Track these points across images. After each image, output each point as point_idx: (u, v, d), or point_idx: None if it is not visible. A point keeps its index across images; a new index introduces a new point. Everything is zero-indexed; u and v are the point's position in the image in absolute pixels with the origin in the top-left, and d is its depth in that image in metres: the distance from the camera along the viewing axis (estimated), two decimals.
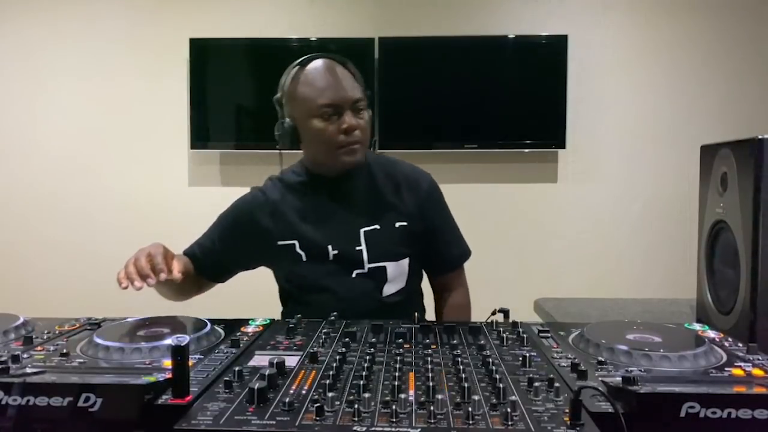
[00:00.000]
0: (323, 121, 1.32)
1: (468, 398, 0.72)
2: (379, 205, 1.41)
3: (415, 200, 1.43)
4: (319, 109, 1.32)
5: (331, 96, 1.31)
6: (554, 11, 3.24)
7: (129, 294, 1.14)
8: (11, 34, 3.31)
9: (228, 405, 0.71)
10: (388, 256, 1.38)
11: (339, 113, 1.32)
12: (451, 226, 1.51)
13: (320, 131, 1.33)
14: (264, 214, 1.43)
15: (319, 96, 1.32)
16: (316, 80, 1.34)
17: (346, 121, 1.31)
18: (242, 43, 3.24)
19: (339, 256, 1.37)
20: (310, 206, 1.41)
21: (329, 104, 1.31)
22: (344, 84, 1.33)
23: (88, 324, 1.08)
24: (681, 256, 2.91)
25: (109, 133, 3.33)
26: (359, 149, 1.35)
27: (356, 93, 1.33)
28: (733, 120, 3.19)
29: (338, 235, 1.38)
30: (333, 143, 1.33)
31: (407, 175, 1.46)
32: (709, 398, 0.68)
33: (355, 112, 1.33)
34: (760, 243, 1.19)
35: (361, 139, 1.34)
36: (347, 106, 1.32)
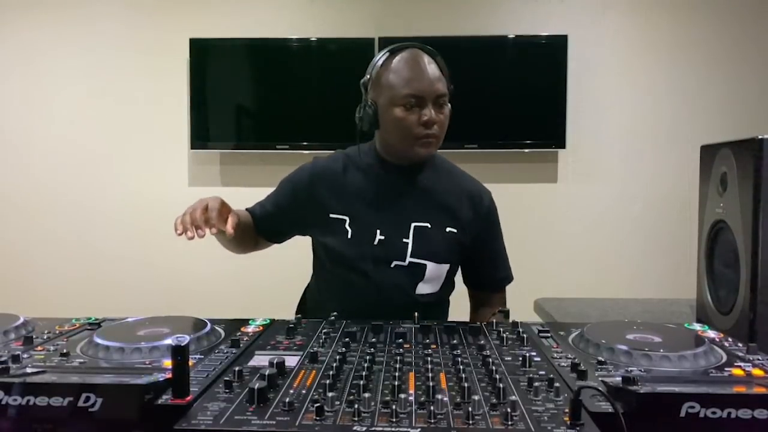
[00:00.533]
0: (405, 111, 1.33)
1: (468, 398, 0.72)
2: (436, 205, 1.42)
3: (473, 213, 1.45)
4: (402, 99, 1.32)
5: (416, 87, 1.32)
6: (554, 11, 3.24)
7: (129, 294, 1.14)
8: (12, 36, 3.31)
9: (228, 405, 0.71)
10: (431, 256, 1.38)
11: (421, 105, 1.33)
12: (500, 248, 1.54)
13: (400, 120, 1.33)
14: (322, 184, 1.43)
15: (404, 85, 1.32)
16: (403, 69, 1.34)
17: (427, 113, 1.32)
18: (242, 43, 3.24)
19: (384, 243, 1.37)
20: (370, 188, 1.42)
21: (413, 95, 1.32)
22: (430, 77, 1.33)
23: (88, 324, 1.08)
24: (681, 256, 2.91)
25: (109, 133, 3.33)
26: (434, 143, 1.36)
27: (441, 87, 1.34)
28: (733, 120, 3.19)
29: (389, 222, 1.39)
30: (411, 133, 1.34)
31: (472, 187, 1.50)
32: (709, 398, 0.68)
33: (437, 106, 1.34)
34: (760, 243, 1.19)
35: (438, 134, 1.35)
36: (430, 99, 1.32)
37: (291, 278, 1.68)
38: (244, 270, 3.27)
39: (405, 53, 1.36)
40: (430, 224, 1.40)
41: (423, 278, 1.38)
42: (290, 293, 1.67)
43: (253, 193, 3.64)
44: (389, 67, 1.36)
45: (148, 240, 3.33)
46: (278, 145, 3.18)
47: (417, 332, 1.05)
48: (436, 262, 1.39)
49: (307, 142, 3.18)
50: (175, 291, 3.24)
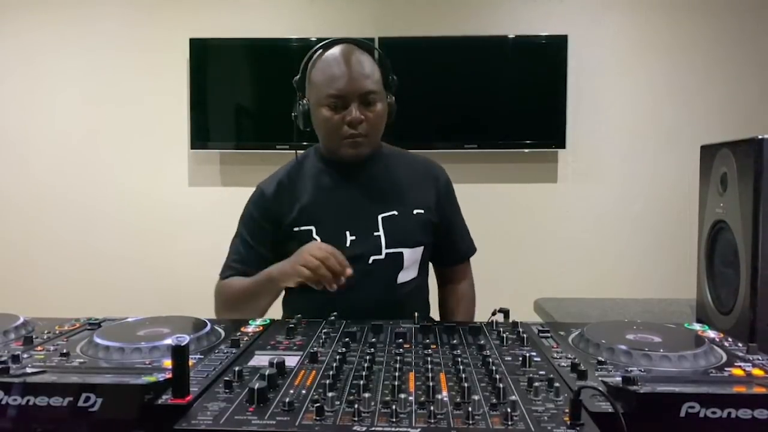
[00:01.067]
0: (330, 111, 1.32)
1: (468, 398, 0.72)
2: (397, 192, 1.41)
3: (434, 191, 1.45)
4: (326, 99, 1.31)
5: (339, 87, 1.30)
6: (554, 11, 3.24)
7: (129, 294, 1.14)
8: (12, 36, 3.31)
9: (228, 405, 0.71)
10: (406, 243, 1.38)
11: (345, 104, 1.31)
12: (461, 220, 1.54)
13: (326, 120, 1.33)
14: (277, 201, 1.42)
15: (327, 85, 1.31)
16: (328, 68, 1.32)
17: (351, 113, 1.30)
18: (242, 43, 3.24)
19: (356, 242, 1.36)
20: (327, 192, 1.40)
21: (335, 95, 1.30)
22: (355, 75, 1.30)
23: (88, 324, 1.08)
24: (681, 256, 2.90)
25: (109, 133, 3.33)
26: (363, 142, 1.34)
27: (367, 85, 1.31)
28: (733, 120, 3.19)
29: (356, 220, 1.38)
30: (337, 134, 1.33)
31: (426, 166, 1.49)
32: (709, 398, 0.68)
33: (365, 104, 1.32)
34: (760, 243, 1.19)
35: (367, 132, 1.33)
36: (354, 98, 1.30)
37: None
38: None
39: (332, 50, 1.34)
40: (396, 212, 1.39)
41: (402, 267, 1.38)
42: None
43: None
44: (317, 65, 1.35)
45: (148, 240, 3.33)
46: (278, 145, 3.18)
47: (417, 332, 1.05)
48: (411, 247, 1.39)
49: (307, 142, 3.17)
50: (175, 291, 3.23)
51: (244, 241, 1.45)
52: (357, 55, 1.33)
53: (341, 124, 1.32)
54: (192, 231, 3.33)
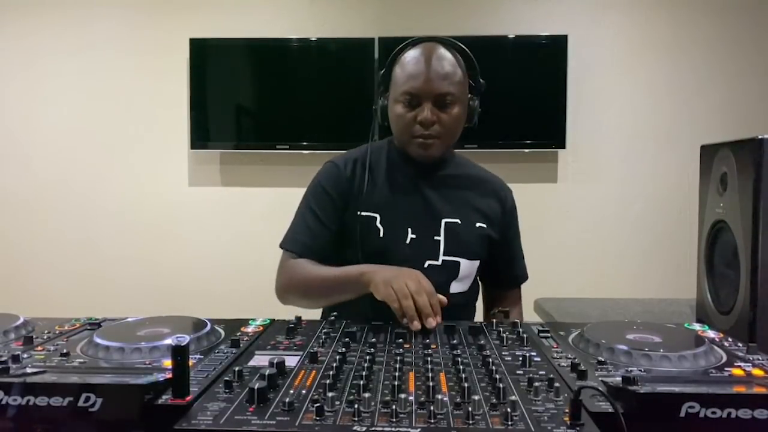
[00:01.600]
0: (404, 108, 1.30)
1: (468, 398, 0.72)
2: (463, 200, 1.40)
3: (499, 209, 1.44)
4: (401, 95, 1.30)
5: (414, 85, 1.28)
6: (554, 11, 3.24)
7: (129, 294, 1.14)
8: (13, 37, 3.31)
9: (228, 405, 0.71)
10: (464, 253, 1.36)
11: (419, 103, 1.29)
12: (519, 245, 1.54)
13: (399, 117, 1.31)
14: (349, 181, 1.38)
15: (404, 82, 1.29)
16: (407, 65, 1.30)
17: (424, 113, 1.28)
18: (242, 43, 3.25)
19: (416, 242, 1.34)
20: (395, 184, 1.38)
21: (409, 92, 1.29)
22: (431, 75, 1.27)
23: (88, 324, 1.08)
24: (681, 256, 2.91)
25: (110, 133, 3.34)
26: (434, 143, 1.32)
27: (444, 87, 1.28)
28: (733, 120, 3.19)
29: (419, 220, 1.35)
30: (407, 132, 1.31)
31: (496, 183, 1.48)
32: (709, 398, 0.68)
33: (440, 106, 1.29)
34: (760, 243, 1.19)
35: (439, 134, 1.31)
36: (428, 98, 1.28)
37: None
38: (244, 270, 3.27)
39: (417, 48, 1.32)
40: (459, 220, 1.37)
41: (457, 276, 1.36)
42: None
43: (253, 193, 3.66)
44: (398, 61, 1.34)
45: (148, 240, 3.34)
46: (278, 145, 3.18)
47: (417, 332, 1.05)
48: (468, 258, 1.37)
49: (307, 142, 3.18)
50: (175, 291, 3.24)
51: (314, 216, 1.37)
52: (439, 54, 1.30)
53: (413, 122, 1.30)
54: (192, 231, 3.33)
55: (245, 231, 3.28)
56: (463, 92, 1.34)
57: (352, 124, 3.23)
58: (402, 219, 1.35)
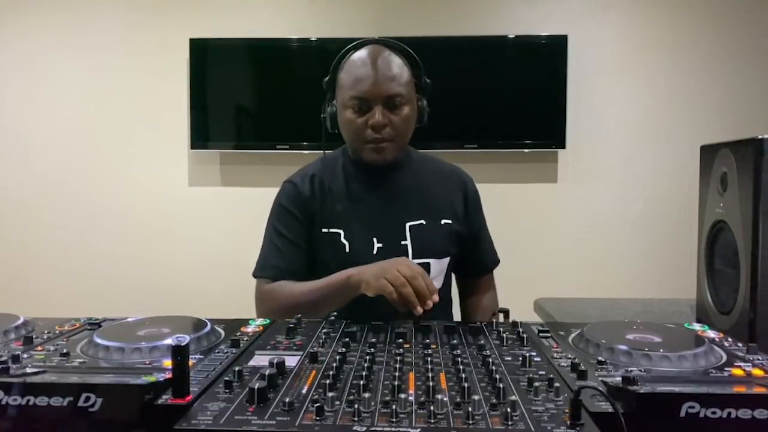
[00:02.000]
0: (354, 113, 1.29)
1: (468, 398, 0.72)
2: (425, 200, 1.38)
3: (462, 201, 1.43)
4: (350, 100, 1.29)
5: (362, 89, 1.27)
6: (554, 11, 3.24)
7: (129, 294, 1.14)
8: (13, 37, 3.31)
9: (228, 405, 0.71)
10: (433, 253, 1.35)
11: (369, 107, 1.28)
12: (486, 230, 1.52)
13: (349, 122, 1.30)
14: (309, 200, 1.37)
15: (351, 87, 1.28)
16: (354, 69, 1.29)
17: (375, 116, 1.27)
18: (242, 43, 3.24)
19: (383, 250, 1.33)
20: (355, 196, 1.37)
21: (359, 97, 1.27)
22: (380, 77, 1.26)
23: (88, 324, 1.08)
24: (681, 256, 2.91)
25: (110, 133, 3.34)
26: (388, 147, 1.31)
27: (392, 87, 1.27)
28: (733, 120, 3.19)
29: (383, 228, 1.34)
30: (361, 137, 1.30)
31: (454, 175, 1.46)
32: (709, 398, 0.68)
33: (390, 107, 1.28)
34: (760, 243, 1.19)
35: (391, 136, 1.30)
36: (378, 101, 1.27)
37: None
38: (244, 270, 3.27)
39: (361, 51, 1.31)
40: (424, 221, 1.36)
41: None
42: None
43: (253, 193, 3.66)
44: (344, 66, 1.32)
45: (148, 240, 3.33)
46: (278, 145, 3.18)
47: (417, 332, 1.04)
48: (438, 258, 1.36)
49: (307, 142, 3.18)
50: (175, 291, 3.24)
51: (281, 237, 1.36)
52: (385, 56, 1.29)
53: (364, 127, 1.29)
54: (192, 231, 3.33)
55: (245, 231, 3.26)
56: (411, 92, 1.33)
57: None
58: (366, 230, 1.34)
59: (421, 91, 1.37)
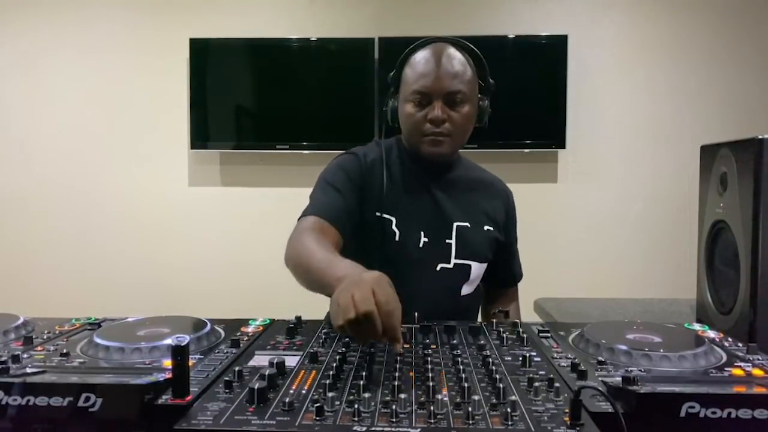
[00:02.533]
0: (414, 107, 1.30)
1: (468, 398, 0.72)
2: (472, 204, 1.40)
3: (503, 211, 1.46)
4: (411, 95, 1.30)
5: (424, 84, 1.28)
6: (554, 11, 3.24)
7: (129, 294, 1.14)
8: (13, 37, 3.31)
9: (228, 405, 0.71)
10: (474, 256, 1.36)
11: (429, 102, 1.29)
12: (516, 242, 1.55)
13: (409, 116, 1.31)
14: (371, 177, 1.33)
15: (414, 81, 1.30)
16: (418, 65, 1.30)
17: (434, 111, 1.28)
18: (242, 43, 3.24)
19: (428, 245, 1.33)
20: (410, 187, 1.36)
21: (419, 91, 1.29)
22: (440, 74, 1.28)
23: (88, 324, 1.08)
24: (681, 256, 2.91)
25: (110, 133, 3.34)
26: (445, 141, 1.31)
27: (454, 85, 1.28)
28: (733, 120, 3.19)
29: (432, 223, 1.35)
30: (418, 130, 1.31)
31: (499, 186, 1.50)
32: (709, 398, 0.68)
33: (450, 104, 1.29)
34: (760, 243, 1.19)
35: (450, 132, 1.31)
36: (438, 96, 1.28)
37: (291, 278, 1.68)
38: (244, 270, 3.27)
39: (426, 48, 1.33)
40: (469, 223, 1.37)
41: (468, 279, 1.36)
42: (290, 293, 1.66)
43: (253, 193, 3.66)
44: (408, 61, 1.34)
45: (148, 240, 3.33)
46: (278, 145, 3.18)
47: (417, 332, 1.04)
48: (479, 261, 1.37)
49: (307, 142, 3.18)
50: (175, 291, 3.24)
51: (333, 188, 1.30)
52: (449, 53, 1.31)
53: (423, 121, 1.30)
54: (192, 231, 3.33)
55: (245, 231, 3.28)
56: (473, 91, 1.35)
57: (351, 124, 3.23)
58: (415, 222, 1.34)
59: (484, 91, 1.40)
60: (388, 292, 0.85)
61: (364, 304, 0.81)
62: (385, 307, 0.82)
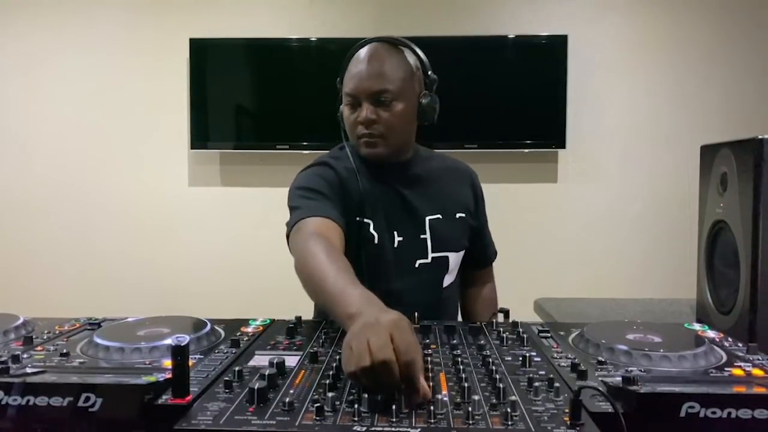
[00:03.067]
0: (349, 110, 1.31)
1: (468, 398, 0.72)
2: (440, 194, 1.40)
3: (471, 194, 1.46)
4: (345, 97, 1.31)
5: (352, 86, 1.28)
6: (554, 11, 3.24)
7: (129, 294, 1.14)
8: (14, 37, 3.31)
9: (228, 405, 0.71)
10: (451, 247, 1.37)
11: (359, 103, 1.29)
12: (487, 223, 1.54)
13: (346, 119, 1.32)
14: (345, 183, 1.33)
15: (345, 84, 1.30)
16: (350, 67, 1.31)
17: (362, 112, 1.27)
18: (242, 43, 3.24)
19: (403, 243, 1.33)
20: (376, 190, 1.35)
21: (349, 94, 1.29)
22: (369, 74, 1.26)
23: (88, 324, 1.08)
24: (681, 256, 2.90)
25: (110, 133, 3.34)
26: (378, 142, 1.30)
27: (378, 84, 1.26)
28: (733, 120, 3.19)
29: (404, 221, 1.34)
30: (354, 133, 1.32)
31: (464, 170, 1.48)
32: (709, 398, 0.68)
33: (379, 104, 1.27)
34: (760, 243, 1.19)
35: (381, 133, 1.29)
36: (365, 97, 1.27)
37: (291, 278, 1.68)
38: (244, 270, 3.27)
39: (362, 49, 1.31)
40: (441, 215, 1.37)
41: (448, 270, 1.37)
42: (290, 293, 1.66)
43: (253, 193, 3.65)
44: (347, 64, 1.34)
45: (148, 240, 3.33)
46: (278, 145, 3.18)
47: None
48: (456, 251, 1.38)
49: (307, 142, 3.18)
50: (175, 291, 3.24)
51: (318, 194, 1.27)
52: (378, 53, 1.29)
53: (356, 123, 1.29)
54: (192, 231, 3.33)
55: (245, 231, 3.28)
56: (406, 89, 1.30)
57: None
58: (388, 223, 1.34)
59: (427, 87, 1.36)
60: (408, 339, 0.75)
61: (381, 352, 0.72)
62: (405, 356, 0.73)
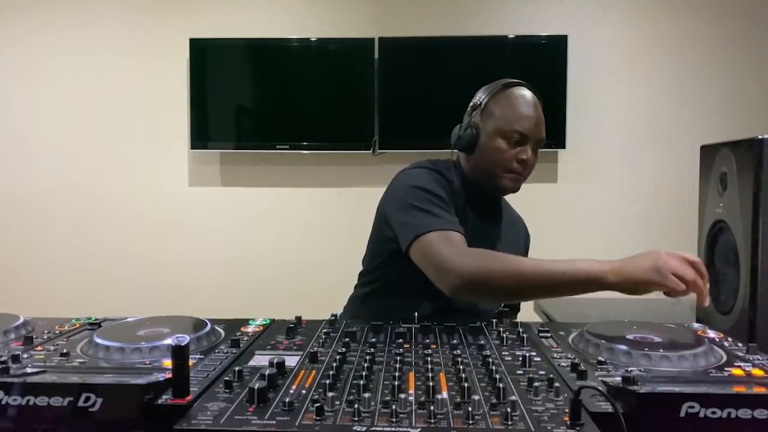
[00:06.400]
0: (507, 144, 1.36)
1: (468, 398, 0.72)
2: (508, 237, 1.52)
3: (524, 242, 1.61)
4: (509, 132, 1.35)
5: (527, 126, 1.35)
6: (554, 11, 3.24)
7: (129, 294, 1.14)
8: (14, 38, 3.31)
9: (228, 405, 0.71)
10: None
11: (523, 143, 1.36)
12: None
13: (501, 151, 1.36)
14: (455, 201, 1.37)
15: (516, 121, 1.35)
16: (519, 105, 1.37)
17: (527, 153, 1.35)
18: (242, 43, 3.24)
19: None
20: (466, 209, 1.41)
21: (520, 132, 1.35)
22: (540, 120, 1.38)
23: (88, 324, 1.08)
24: None
25: (110, 133, 3.33)
26: (521, 181, 1.41)
27: (543, 133, 1.38)
28: (733, 120, 3.18)
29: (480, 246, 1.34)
30: (505, 166, 1.36)
31: (522, 223, 1.64)
32: (709, 398, 0.68)
33: (535, 150, 1.38)
34: (760, 243, 1.19)
35: (526, 174, 1.40)
36: (533, 140, 1.36)
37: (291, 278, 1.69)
38: (244, 270, 3.27)
39: (522, 91, 1.40)
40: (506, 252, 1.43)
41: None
42: (290, 293, 1.67)
43: (253, 193, 3.65)
44: (503, 98, 1.39)
45: (148, 240, 3.33)
46: (278, 145, 3.18)
47: (417, 332, 1.05)
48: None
49: (307, 142, 3.18)
50: (175, 291, 3.24)
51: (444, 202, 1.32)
52: (538, 102, 1.40)
53: (513, 159, 1.36)
54: (192, 231, 3.33)
55: (245, 231, 3.27)
56: None
57: (351, 124, 3.23)
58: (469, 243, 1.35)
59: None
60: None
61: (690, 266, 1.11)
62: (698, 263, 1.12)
